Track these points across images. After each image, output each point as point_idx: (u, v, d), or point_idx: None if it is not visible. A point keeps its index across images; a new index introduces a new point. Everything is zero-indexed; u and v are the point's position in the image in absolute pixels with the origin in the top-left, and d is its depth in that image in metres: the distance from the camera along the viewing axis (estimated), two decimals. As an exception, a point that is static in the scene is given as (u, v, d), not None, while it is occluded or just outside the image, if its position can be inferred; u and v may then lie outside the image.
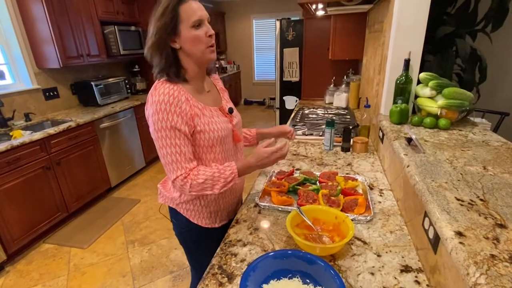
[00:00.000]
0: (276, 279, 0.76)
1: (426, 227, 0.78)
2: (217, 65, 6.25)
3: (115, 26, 3.29)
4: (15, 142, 2.10)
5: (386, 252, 0.88)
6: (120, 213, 2.77)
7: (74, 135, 2.62)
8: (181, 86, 0.90)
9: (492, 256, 0.54)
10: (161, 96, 0.85)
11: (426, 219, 0.78)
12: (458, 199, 0.72)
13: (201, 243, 1.11)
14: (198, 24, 0.87)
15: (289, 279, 0.76)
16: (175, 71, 0.90)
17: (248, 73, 7.20)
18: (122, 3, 3.52)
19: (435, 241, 0.72)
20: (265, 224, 1.04)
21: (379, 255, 0.86)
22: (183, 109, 0.87)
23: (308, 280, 0.76)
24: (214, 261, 0.87)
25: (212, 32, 0.89)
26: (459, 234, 0.60)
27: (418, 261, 0.84)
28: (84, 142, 2.74)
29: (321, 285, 0.74)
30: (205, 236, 1.09)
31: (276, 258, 0.79)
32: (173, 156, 0.87)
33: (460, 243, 0.57)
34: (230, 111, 1.05)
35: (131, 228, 2.56)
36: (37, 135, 2.28)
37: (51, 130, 2.39)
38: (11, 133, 2.42)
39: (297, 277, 0.77)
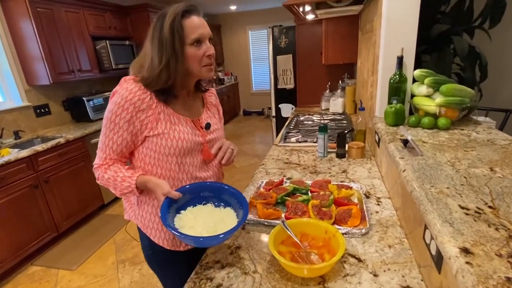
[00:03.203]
0: (192, 206, 0.87)
1: (428, 241, 0.67)
2: (214, 77, 6.23)
3: (107, 41, 3.27)
4: (-1, 161, 2.03)
5: (384, 271, 0.76)
6: (112, 231, 2.66)
7: (63, 151, 2.55)
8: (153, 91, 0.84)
9: (509, 279, 0.43)
10: (126, 93, 0.81)
11: (427, 231, 0.67)
12: (462, 207, 0.61)
13: (168, 268, 1.00)
14: (197, 42, 0.81)
15: (203, 205, 0.88)
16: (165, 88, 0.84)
17: (246, 84, 7.18)
18: (114, 18, 3.51)
19: (439, 258, 0.61)
20: (248, 241, 0.93)
21: (375, 275, 0.75)
22: (141, 109, 0.82)
23: (222, 204, 0.90)
24: (187, 287, 0.76)
25: (211, 52, 0.84)
26: (466, 251, 0.49)
27: (421, 280, 0.72)
28: (74, 158, 2.66)
29: (230, 206, 0.89)
30: (171, 261, 0.98)
31: (193, 189, 0.89)
32: (102, 144, 0.85)
33: (467, 263, 0.46)
34: (207, 126, 0.95)
35: (123, 246, 2.44)
36: (23, 153, 2.21)
37: (39, 147, 2.32)
38: (-2, 152, 2.35)
39: (210, 203, 0.89)
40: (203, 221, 0.81)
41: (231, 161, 0.97)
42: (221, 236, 0.75)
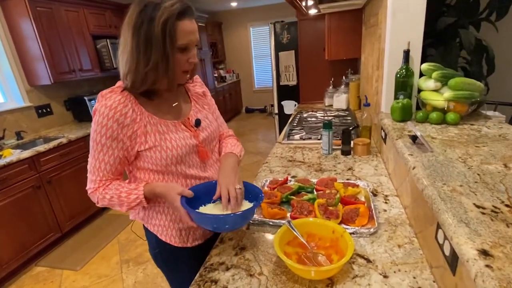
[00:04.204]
0: (203, 205, 0.87)
1: (441, 241, 0.64)
2: (215, 75, 6.20)
3: (107, 40, 3.25)
4: (1, 162, 2.02)
5: (394, 272, 0.73)
6: (116, 231, 2.65)
7: (65, 151, 2.54)
8: (133, 97, 0.80)
9: (533, 284, 0.40)
10: (106, 110, 0.76)
11: (440, 231, 0.65)
12: (478, 206, 0.59)
13: (175, 266, 0.98)
14: (184, 48, 0.77)
15: (213, 203, 0.88)
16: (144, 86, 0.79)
17: (248, 81, 7.13)
18: (115, 16, 3.48)
19: (453, 260, 0.58)
20: (253, 242, 0.91)
21: (385, 276, 0.72)
22: (126, 124, 0.78)
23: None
24: (191, 290, 0.74)
25: (195, 60, 0.81)
26: (485, 253, 0.46)
27: (434, 282, 0.70)
28: (76, 158, 2.65)
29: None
30: (178, 258, 0.96)
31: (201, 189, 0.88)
32: (91, 167, 0.83)
33: (487, 266, 0.44)
34: (197, 123, 0.91)
35: (127, 246, 2.44)
36: (25, 154, 2.20)
37: (41, 148, 2.32)
38: (0, 153, 2.34)
39: (218, 201, 0.87)
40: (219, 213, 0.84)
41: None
42: (240, 212, 0.79)
